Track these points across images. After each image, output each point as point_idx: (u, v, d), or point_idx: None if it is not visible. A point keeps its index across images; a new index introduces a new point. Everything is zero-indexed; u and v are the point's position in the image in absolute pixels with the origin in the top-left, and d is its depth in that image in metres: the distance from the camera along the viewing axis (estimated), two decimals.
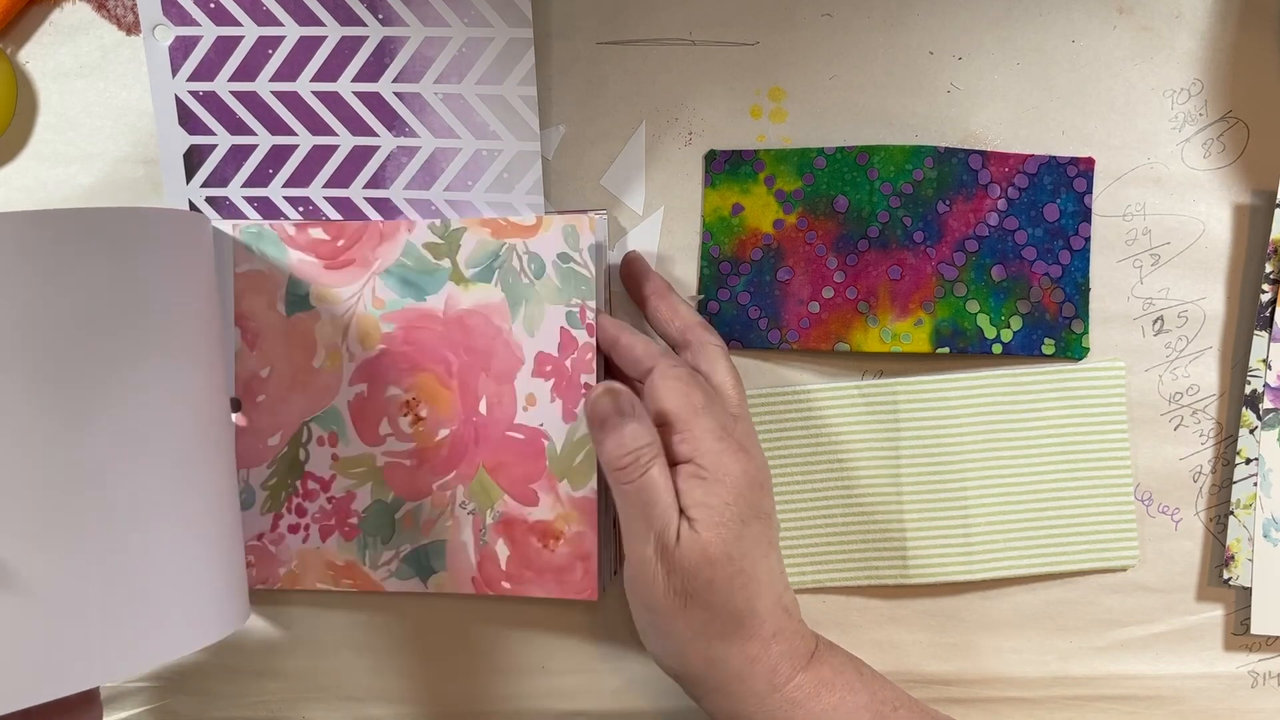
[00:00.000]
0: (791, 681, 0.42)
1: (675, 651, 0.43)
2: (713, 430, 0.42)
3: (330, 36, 0.48)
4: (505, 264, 0.47)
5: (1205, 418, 0.50)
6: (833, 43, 0.49)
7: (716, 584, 0.41)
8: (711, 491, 0.41)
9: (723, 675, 0.42)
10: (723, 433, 0.42)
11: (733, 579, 0.41)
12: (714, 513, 0.41)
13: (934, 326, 0.49)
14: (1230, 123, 0.49)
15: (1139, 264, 0.50)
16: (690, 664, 0.43)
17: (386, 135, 0.49)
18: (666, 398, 0.42)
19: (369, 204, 0.49)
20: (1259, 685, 0.51)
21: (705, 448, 0.42)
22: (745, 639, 0.42)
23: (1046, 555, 0.50)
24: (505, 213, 0.49)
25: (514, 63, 0.48)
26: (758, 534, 0.42)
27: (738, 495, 0.41)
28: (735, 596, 0.41)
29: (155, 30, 0.48)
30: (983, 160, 0.49)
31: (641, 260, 0.49)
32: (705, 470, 0.41)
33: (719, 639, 0.42)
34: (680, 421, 0.42)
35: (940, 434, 0.49)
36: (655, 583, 0.41)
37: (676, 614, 0.41)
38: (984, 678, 0.51)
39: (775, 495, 0.49)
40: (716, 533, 0.41)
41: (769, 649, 0.42)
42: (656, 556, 0.41)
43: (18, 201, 0.50)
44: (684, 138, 0.50)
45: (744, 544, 0.41)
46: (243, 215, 0.49)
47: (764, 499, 0.43)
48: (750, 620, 0.42)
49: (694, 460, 0.42)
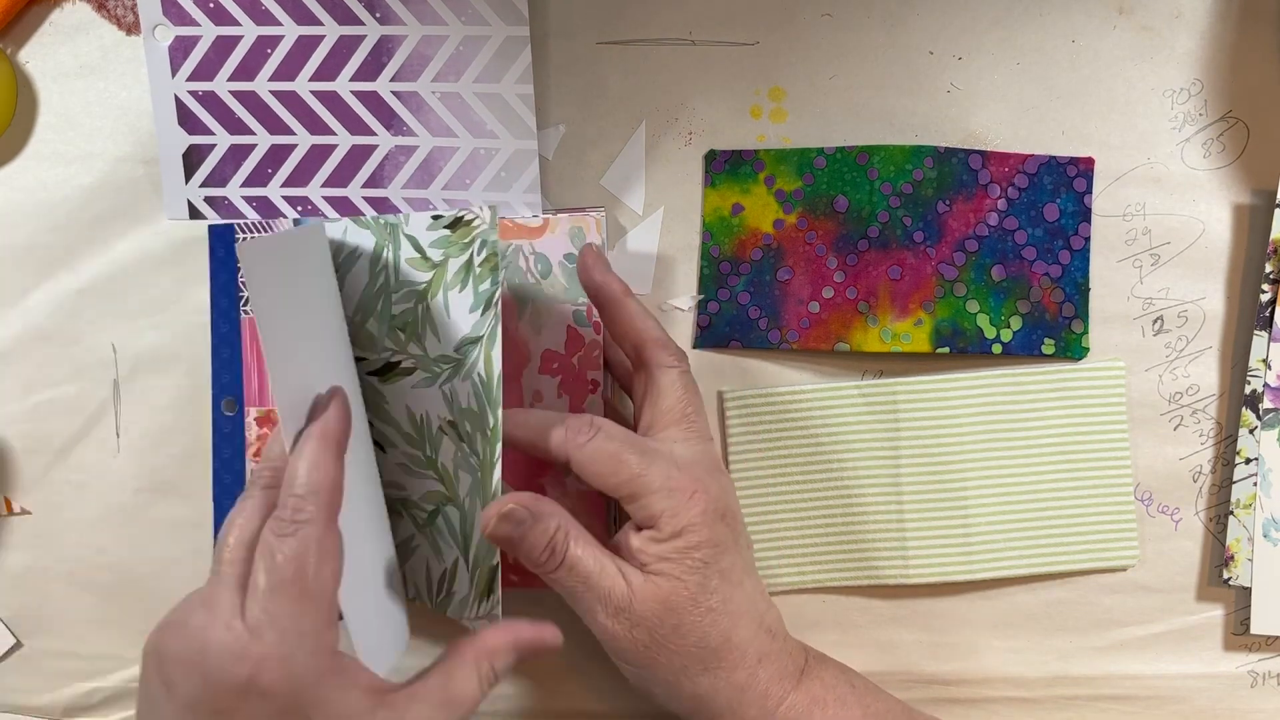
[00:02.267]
0: (784, 704, 0.42)
1: (663, 694, 0.43)
2: (665, 478, 0.41)
3: (328, 36, 0.48)
4: (512, 264, 0.47)
5: (1205, 418, 0.50)
6: (833, 43, 0.49)
7: (684, 628, 0.41)
8: (671, 546, 0.41)
9: (714, 709, 0.42)
10: (676, 477, 0.41)
11: (702, 619, 0.41)
12: (674, 565, 0.40)
13: (934, 326, 0.49)
14: (1230, 123, 0.49)
15: (1139, 264, 0.50)
16: (681, 703, 0.42)
17: (385, 134, 0.49)
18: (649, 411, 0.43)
19: (367, 203, 0.49)
20: (1259, 685, 0.50)
21: (659, 503, 0.41)
22: (729, 670, 0.41)
23: (1046, 555, 0.50)
24: (503, 211, 0.49)
25: (511, 61, 0.48)
26: (727, 566, 0.42)
27: (700, 540, 0.41)
28: (709, 634, 0.41)
29: (155, 30, 0.48)
30: (983, 160, 0.49)
31: (597, 256, 0.45)
32: (662, 525, 0.41)
33: (702, 675, 0.41)
34: (638, 462, 0.41)
35: (940, 434, 0.49)
36: (620, 640, 0.41)
37: (652, 662, 0.41)
38: (984, 678, 0.51)
39: (775, 495, 0.49)
40: (678, 582, 0.40)
41: (756, 675, 0.42)
42: (612, 619, 0.41)
43: (18, 201, 0.50)
44: (684, 138, 0.50)
45: (712, 582, 0.41)
46: (242, 215, 0.49)
47: (729, 529, 0.42)
48: (729, 652, 0.41)
49: (650, 511, 0.41)
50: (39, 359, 0.50)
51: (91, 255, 0.50)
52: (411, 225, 0.43)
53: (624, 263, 0.50)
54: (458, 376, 0.42)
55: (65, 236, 0.50)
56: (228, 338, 0.49)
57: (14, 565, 0.51)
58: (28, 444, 0.51)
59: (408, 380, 0.44)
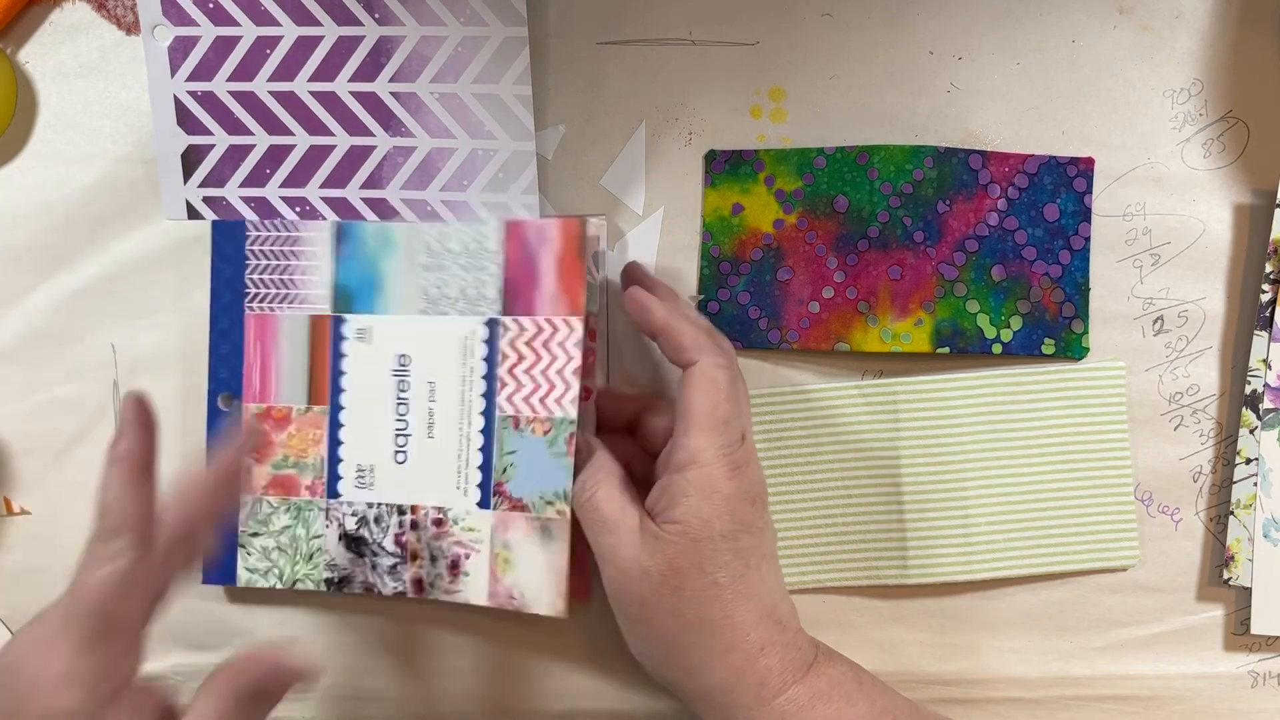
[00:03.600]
0: (783, 694, 0.42)
1: (657, 658, 0.43)
2: (717, 446, 0.42)
3: (327, 36, 0.48)
4: None
5: (1205, 418, 0.50)
6: (833, 43, 0.49)
7: (685, 594, 0.41)
8: (692, 509, 0.41)
9: (705, 684, 0.42)
10: (726, 450, 0.42)
11: (704, 590, 0.41)
12: (689, 528, 0.41)
13: (934, 326, 0.48)
14: (1230, 123, 0.49)
15: (1139, 264, 0.50)
16: (672, 670, 0.43)
17: (383, 135, 0.49)
18: (694, 400, 0.42)
19: (365, 204, 0.49)
20: (1259, 685, 0.50)
21: (703, 460, 0.42)
22: (725, 650, 0.42)
23: (1046, 555, 0.50)
24: (501, 213, 0.49)
25: (509, 61, 0.48)
26: (746, 547, 0.42)
27: (722, 512, 0.41)
28: (709, 608, 0.41)
29: (155, 30, 0.48)
30: (983, 160, 0.49)
31: (643, 271, 0.48)
32: (692, 486, 0.41)
33: (696, 648, 0.42)
34: (694, 429, 0.42)
35: (940, 434, 0.49)
36: (622, 592, 0.42)
37: (649, 621, 0.42)
38: (984, 678, 0.51)
39: (775, 495, 0.49)
40: (688, 546, 0.41)
41: (755, 662, 0.42)
42: (619, 569, 0.42)
43: (18, 201, 0.50)
44: (684, 138, 0.50)
45: (722, 557, 0.41)
46: (240, 215, 0.49)
47: (755, 514, 0.43)
48: (729, 632, 0.42)
49: (686, 471, 0.42)
50: (39, 359, 0.50)
51: (91, 255, 0.50)
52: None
53: (624, 263, 0.50)
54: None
55: (65, 236, 0.50)
56: (228, 333, 0.49)
57: (14, 565, 0.51)
58: (28, 444, 0.51)
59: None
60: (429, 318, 0.47)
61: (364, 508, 0.48)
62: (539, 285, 0.46)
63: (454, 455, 0.47)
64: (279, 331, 0.48)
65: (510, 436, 0.46)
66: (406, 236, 0.47)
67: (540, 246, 0.46)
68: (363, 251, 0.48)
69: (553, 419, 0.45)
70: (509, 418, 0.46)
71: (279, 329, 0.48)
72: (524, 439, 0.46)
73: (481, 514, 0.47)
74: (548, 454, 0.45)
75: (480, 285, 0.46)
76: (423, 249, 0.47)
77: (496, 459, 0.46)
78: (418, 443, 0.48)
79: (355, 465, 0.48)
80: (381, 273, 0.48)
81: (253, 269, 0.49)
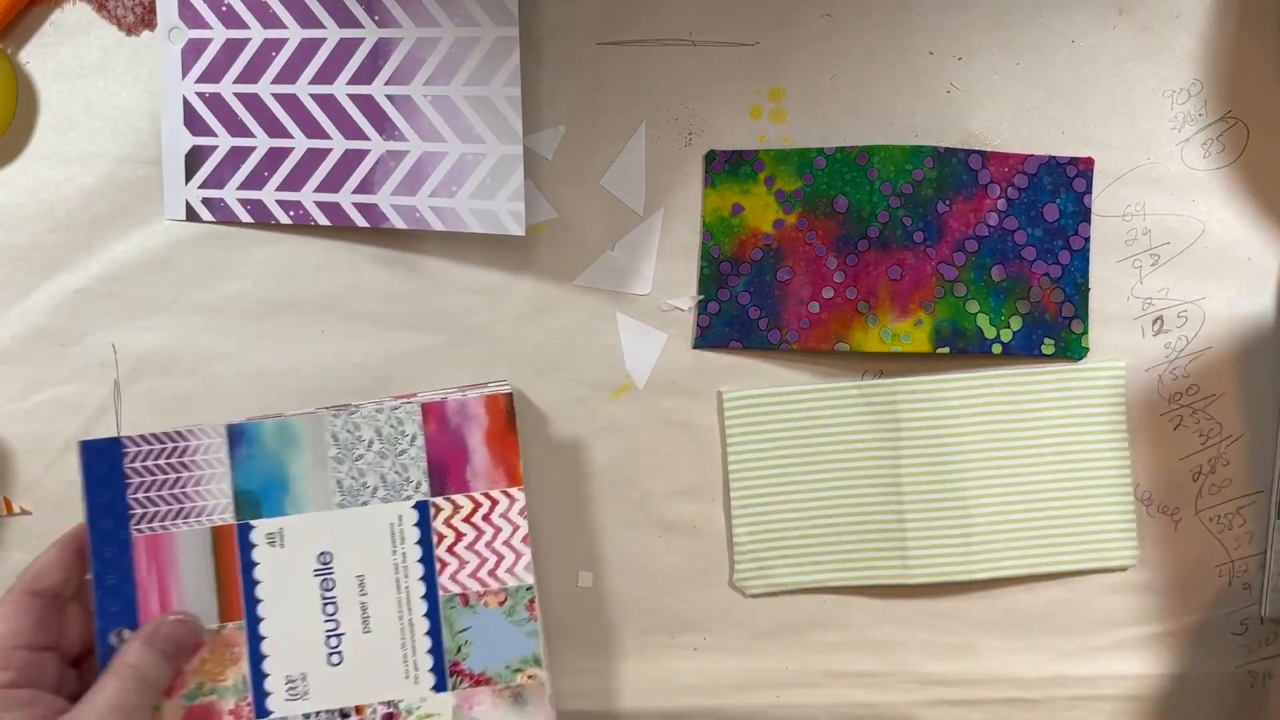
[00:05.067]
0: None
1: None
2: None
3: (329, 38, 0.48)
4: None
5: (1205, 418, 0.50)
6: (833, 43, 0.49)
7: None
8: None
9: None
10: None
11: None
12: None
13: (934, 326, 0.49)
14: (1230, 123, 0.49)
15: (1139, 264, 0.50)
16: None
17: (377, 139, 0.48)
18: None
19: (357, 209, 0.49)
20: (1259, 685, 0.50)
21: None
22: None
23: (1046, 555, 0.50)
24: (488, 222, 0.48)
25: (500, 62, 0.47)
26: None
27: None
28: None
29: (170, 33, 0.48)
30: (983, 160, 0.49)
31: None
32: None
33: None
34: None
35: (940, 434, 0.49)
36: None
37: None
38: (984, 678, 0.51)
39: (775, 495, 0.49)
40: None
41: None
42: None
43: (18, 201, 0.50)
44: (684, 138, 0.50)
45: None
46: (235, 217, 0.49)
47: None
48: None
49: None
50: (39, 359, 0.50)
51: (91, 255, 0.50)
52: None
53: (624, 263, 0.50)
54: None
55: (65, 236, 0.50)
56: (114, 561, 0.44)
57: (14, 565, 0.51)
58: (28, 444, 0.51)
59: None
60: (347, 510, 0.45)
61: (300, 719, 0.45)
62: (470, 461, 0.46)
63: (397, 645, 0.45)
64: (176, 549, 0.45)
65: (460, 614, 0.45)
66: (310, 430, 0.45)
67: (465, 423, 0.46)
68: (262, 452, 0.45)
69: (506, 589, 0.45)
70: (456, 596, 0.46)
71: (176, 547, 0.45)
72: (477, 614, 0.45)
73: (439, 697, 0.45)
74: (507, 624, 0.45)
75: (402, 470, 0.46)
76: (329, 441, 0.46)
77: (448, 640, 0.45)
78: (353, 640, 0.45)
79: (284, 676, 0.45)
80: (287, 471, 0.45)
81: (135, 488, 0.45)
